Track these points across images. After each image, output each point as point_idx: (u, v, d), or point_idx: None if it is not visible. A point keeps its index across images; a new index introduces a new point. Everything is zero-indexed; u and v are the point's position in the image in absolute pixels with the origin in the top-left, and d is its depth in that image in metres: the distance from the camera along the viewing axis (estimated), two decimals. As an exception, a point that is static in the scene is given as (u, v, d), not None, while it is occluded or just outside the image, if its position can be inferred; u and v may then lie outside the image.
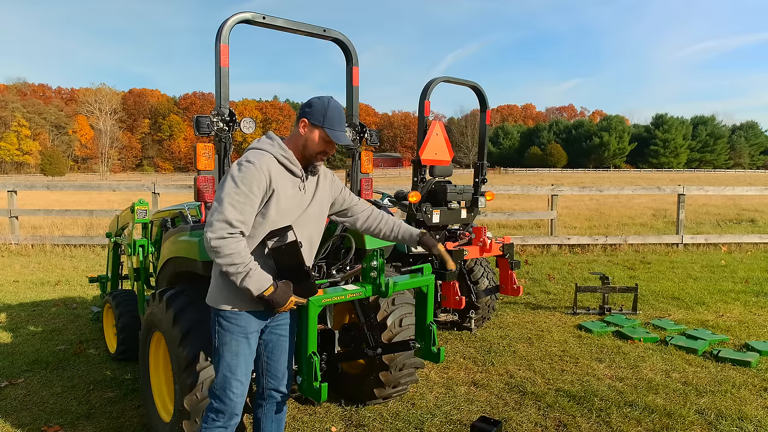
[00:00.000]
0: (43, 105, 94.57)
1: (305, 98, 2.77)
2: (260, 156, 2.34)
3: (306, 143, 2.43)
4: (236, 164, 2.33)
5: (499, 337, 5.28)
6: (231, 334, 2.40)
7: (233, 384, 2.43)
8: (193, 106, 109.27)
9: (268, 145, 2.40)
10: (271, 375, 2.60)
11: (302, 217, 2.48)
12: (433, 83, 5.24)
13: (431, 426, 3.49)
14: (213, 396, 2.47)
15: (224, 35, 3.01)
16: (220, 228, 2.21)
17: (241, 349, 2.42)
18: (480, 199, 5.54)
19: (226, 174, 2.33)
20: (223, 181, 2.31)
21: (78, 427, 3.48)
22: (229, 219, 2.22)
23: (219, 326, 2.42)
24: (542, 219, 12.34)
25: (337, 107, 2.46)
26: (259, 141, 2.45)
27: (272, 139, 2.43)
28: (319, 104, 2.42)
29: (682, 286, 7.45)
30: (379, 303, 3.47)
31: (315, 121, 2.40)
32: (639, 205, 18.87)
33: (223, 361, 2.42)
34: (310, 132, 2.42)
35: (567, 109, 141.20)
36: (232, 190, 2.24)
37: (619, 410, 3.69)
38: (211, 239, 2.22)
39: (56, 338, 5.20)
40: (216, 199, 2.28)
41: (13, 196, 10.09)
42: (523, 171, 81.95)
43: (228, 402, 2.43)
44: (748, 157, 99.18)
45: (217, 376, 2.45)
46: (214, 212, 2.24)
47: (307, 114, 2.42)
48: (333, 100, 2.47)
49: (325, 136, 2.42)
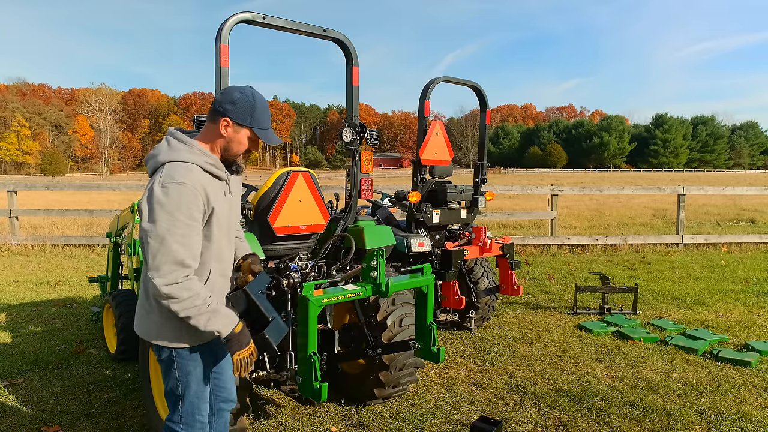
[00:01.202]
0: (43, 105, 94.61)
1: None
2: (187, 172, 1.98)
3: (229, 144, 2.12)
4: (160, 188, 1.92)
5: (499, 337, 5.28)
6: (194, 363, 2.16)
7: (202, 408, 2.24)
8: (193, 106, 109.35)
9: (188, 153, 2.03)
10: (220, 388, 2.37)
11: (232, 222, 2.24)
12: (433, 83, 5.24)
13: (431, 426, 3.49)
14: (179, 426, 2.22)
15: (224, 35, 3.01)
16: (170, 272, 1.89)
17: (206, 372, 2.23)
18: (480, 199, 5.55)
19: (149, 200, 1.93)
20: (151, 210, 1.91)
21: (78, 427, 3.48)
22: (180, 259, 1.91)
23: (178, 362, 2.14)
24: (542, 219, 12.34)
25: (264, 102, 2.16)
26: (172, 148, 2.05)
27: (188, 144, 2.07)
28: (244, 100, 2.09)
29: (682, 286, 7.45)
30: (379, 303, 3.47)
31: (241, 120, 2.09)
32: (639, 205, 18.86)
33: (190, 391, 2.19)
34: (235, 133, 2.10)
35: (567, 109, 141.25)
36: (170, 224, 1.90)
37: (619, 410, 3.69)
38: (161, 287, 1.89)
39: (56, 338, 5.20)
40: (151, 235, 1.90)
41: (13, 196, 10.09)
42: (523, 171, 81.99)
43: (199, 425, 2.25)
44: (748, 157, 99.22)
45: (182, 407, 2.20)
46: (157, 254, 1.89)
47: (229, 112, 2.07)
48: (258, 94, 2.15)
49: (254, 136, 2.14)
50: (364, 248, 3.46)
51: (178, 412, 2.22)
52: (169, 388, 2.21)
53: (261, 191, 3.33)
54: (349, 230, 3.60)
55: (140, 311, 2.19)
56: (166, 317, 2.08)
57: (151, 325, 2.13)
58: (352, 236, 3.28)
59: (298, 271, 2.96)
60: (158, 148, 2.11)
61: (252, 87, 2.17)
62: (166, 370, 2.18)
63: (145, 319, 2.16)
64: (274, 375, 3.16)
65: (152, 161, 2.09)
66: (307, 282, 2.73)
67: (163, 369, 2.20)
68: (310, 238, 3.52)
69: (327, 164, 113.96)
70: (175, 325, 2.08)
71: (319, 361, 2.65)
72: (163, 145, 2.11)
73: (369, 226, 3.61)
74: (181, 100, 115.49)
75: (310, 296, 2.64)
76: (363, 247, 3.47)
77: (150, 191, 1.96)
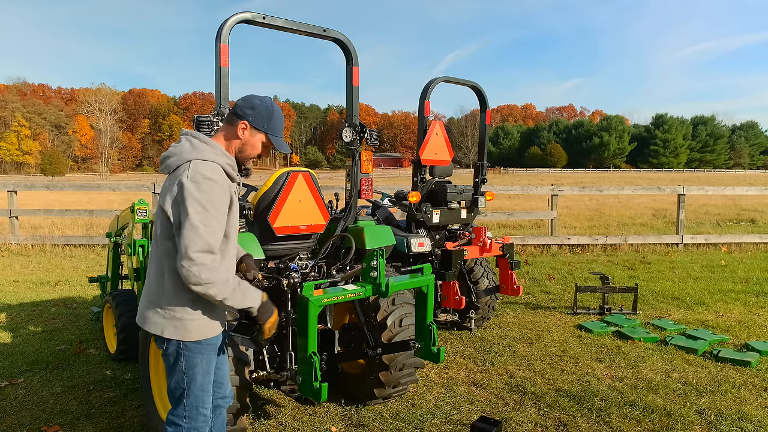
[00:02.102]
0: (43, 105, 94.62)
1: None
2: (216, 169, 2.10)
3: (243, 147, 2.26)
4: (191, 182, 2.03)
5: (499, 337, 5.28)
6: (201, 355, 2.20)
7: (206, 400, 2.28)
8: (193, 106, 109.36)
9: (212, 154, 2.14)
10: (218, 384, 2.41)
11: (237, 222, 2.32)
12: (433, 83, 5.25)
13: (431, 426, 3.49)
14: (182, 420, 2.24)
15: (224, 35, 3.01)
16: (205, 259, 1.99)
17: (211, 364, 2.27)
18: (480, 199, 5.55)
19: (181, 193, 2.04)
20: (184, 202, 2.02)
21: (78, 427, 3.48)
22: (211, 247, 2.01)
23: (185, 355, 2.18)
24: (542, 219, 12.34)
25: (281, 113, 2.33)
26: (196, 148, 2.14)
27: (211, 145, 2.17)
28: (263, 107, 2.25)
29: (682, 286, 7.45)
30: (379, 303, 3.46)
31: (258, 125, 2.24)
32: (639, 205, 18.86)
33: (195, 384, 2.22)
34: (251, 136, 2.25)
35: (567, 109, 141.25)
36: (203, 215, 2.01)
37: (619, 410, 3.69)
38: (201, 273, 1.97)
39: (56, 338, 5.20)
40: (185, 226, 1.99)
41: (13, 196, 10.09)
42: (523, 171, 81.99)
43: (202, 419, 2.27)
44: (748, 157, 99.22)
45: (187, 401, 2.23)
46: (191, 243, 1.97)
47: (249, 116, 2.22)
48: (276, 105, 2.32)
49: (267, 142, 2.29)
50: (364, 248, 3.46)
51: (182, 406, 2.24)
52: (174, 382, 2.22)
53: (261, 191, 3.33)
54: (349, 230, 3.60)
55: (147, 305, 2.21)
56: (174, 315, 2.13)
57: (161, 318, 2.15)
58: (352, 236, 3.29)
59: (298, 271, 2.97)
60: (180, 147, 2.16)
61: (271, 98, 2.33)
62: (172, 364, 2.20)
63: (152, 313, 2.17)
64: (274, 375, 3.16)
65: (174, 158, 2.14)
66: (307, 282, 2.74)
67: (168, 363, 2.21)
68: (310, 238, 3.52)
69: (327, 164, 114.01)
70: (187, 319, 2.14)
71: (319, 361, 2.65)
72: (185, 144, 2.17)
73: (369, 226, 3.61)
74: (181, 100, 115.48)
75: (310, 296, 2.64)
76: (363, 247, 3.47)
77: (180, 185, 2.04)
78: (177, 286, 2.11)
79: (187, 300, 2.13)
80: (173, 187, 2.07)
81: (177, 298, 2.13)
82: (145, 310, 2.21)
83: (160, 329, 2.15)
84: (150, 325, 2.18)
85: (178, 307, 2.13)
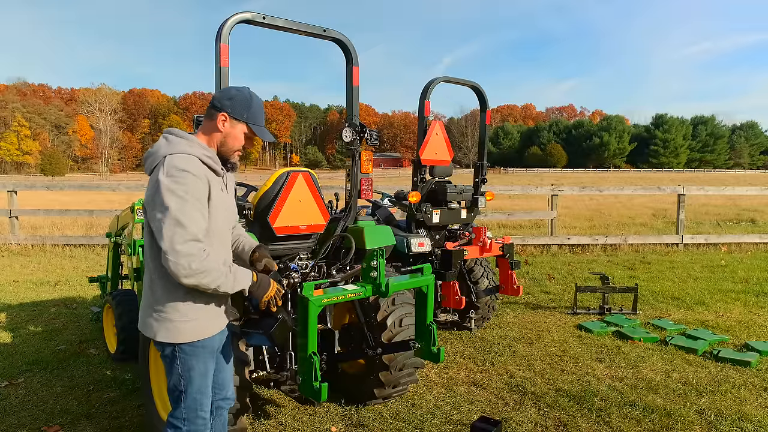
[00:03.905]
0: (43, 105, 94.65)
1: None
2: (188, 160, 2.04)
3: (225, 139, 2.21)
4: (166, 177, 1.98)
5: (499, 337, 5.28)
6: (197, 357, 2.18)
7: (204, 403, 2.25)
8: (193, 106, 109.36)
9: (187, 146, 2.09)
10: (219, 385, 2.40)
11: (229, 218, 2.30)
12: (433, 83, 5.24)
13: (431, 426, 3.49)
14: (181, 422, 2.23)
15: (224, 35, 3.00)
16: (191, 250, 1.95)
17: (209, 367, 2.24)
18: (480, 199, 5.55)
19: (158, 189, 1.99)
20: (161, 197, 1.97)
21: (78, 427, 3.48)
22: (195, 236, 1.97)
23: (181, 357, 2.15)
24: (542, 219, 12.33)
25: (260, 102, 2.28)
26: (171, 143, 2.11)
27: (186, 138, 2.13)
28: (241, 97, 2.20)
29: (682, 286, 7.45)
30: (379, 303, 3.47)
31: (237, 115, 2.18)
32: (639, 205, 18.86)
33: (193, 386, 2.20)
34: (232, 127, 2.20)
35: (567, 109, 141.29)
36: (181, 206, 1.96)
37: (619, 410, 3.69)
38: (190, 264, 1.94)
39: (56, 338, 5.20)
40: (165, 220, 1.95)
41: (13, 196, 10.09)
42: (523, 171, 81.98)
43: (201, 421, 2.26)
44: (748, 157, 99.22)
45: (185, 403, 2.21)
46: (175, 236, 1.93)
47: (227, 107, 2.17)
48: (254, 94, 2.26)
49: (249, 132, 2.24)
50: (364, 248, 3.45)
51: (180, 409, 2.22)
52: (172, 384, 2.21)
53: (261, 191, 3.33)
54: (349, 230, 3.59)
55: (144, 309, 2.21)
56: (167, 317, 2.12)
57: (154, 322, 2.14)
58: (352, 236, 3.29)
59: (298, 271, 2.96)
60: (157, 145, 2.15)
61: (249, 87, 2.26)
62: (169, 367, 2.20)
63: (148, 316, 2.17)
64: (274, 375, 3.16)
65: (151, 158, 2.12)
66: (307, 282, 2.73)
67: (166, 365, 2.21)
68: (310, 238, 3.52)
69: (327, 164, 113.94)
70: (178, 321, 2.12)
71: (319, 361, 2.65)
72: (161, 142, 2.15)
73: (369, 226, 3.60)
74: (181, 100, 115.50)
75: (310, 296, 2.64)
76: (363, 247, 3.47)
77: (156, 182, 2.01)
78: (166, 288, 2.11)
79: (178, 301, 2.11)
80: (152, 186, 2.05)
81: (167, 299, 2.11)
82: (142, 314, 2.22)
83: (154, 332, 2.14)
84: (146, 328, 2.19)
85: (169, 309, 2.11)
